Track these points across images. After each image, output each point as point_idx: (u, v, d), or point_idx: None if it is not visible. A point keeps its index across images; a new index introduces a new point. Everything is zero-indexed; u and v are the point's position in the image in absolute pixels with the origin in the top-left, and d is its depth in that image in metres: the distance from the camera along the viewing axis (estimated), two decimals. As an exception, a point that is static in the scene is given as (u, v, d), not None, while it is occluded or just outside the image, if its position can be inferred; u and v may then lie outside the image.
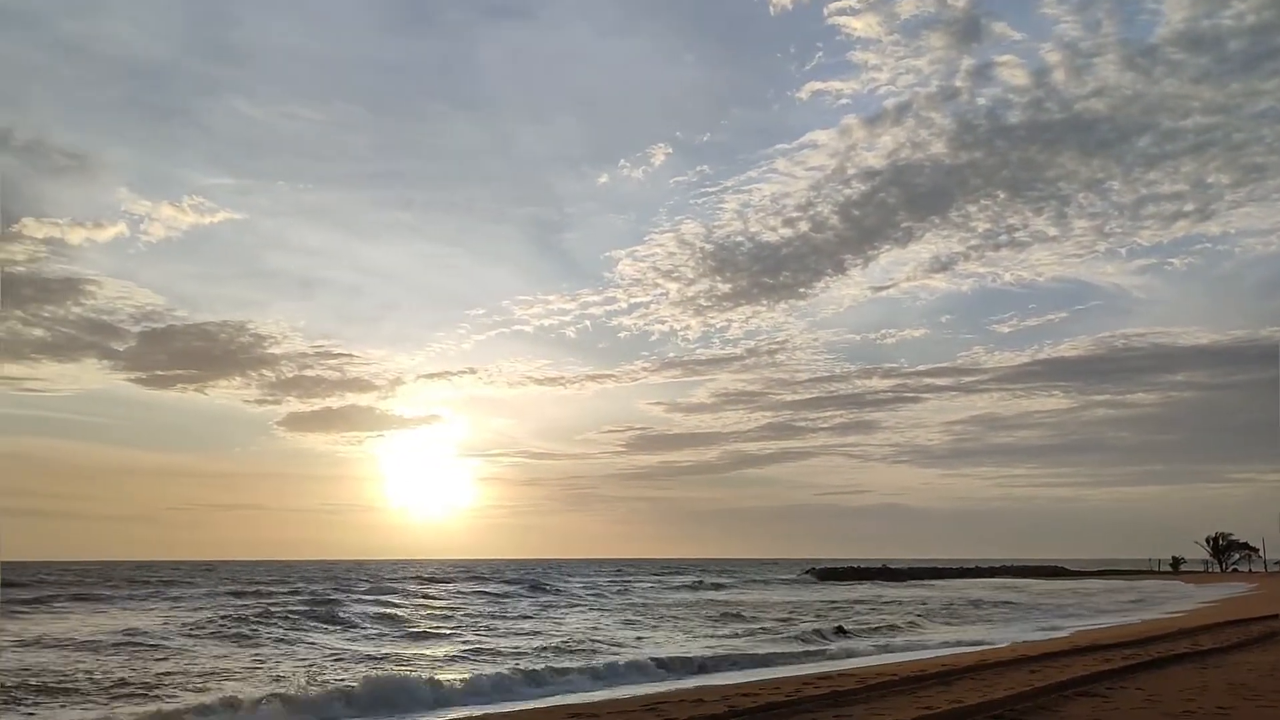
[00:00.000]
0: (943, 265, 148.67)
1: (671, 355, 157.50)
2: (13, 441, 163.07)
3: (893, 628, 32.06)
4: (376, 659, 21.70)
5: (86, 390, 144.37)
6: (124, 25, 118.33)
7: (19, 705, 14.64)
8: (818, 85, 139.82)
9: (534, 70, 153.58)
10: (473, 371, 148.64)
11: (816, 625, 31.93)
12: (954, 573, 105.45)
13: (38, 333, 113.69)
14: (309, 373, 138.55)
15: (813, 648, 25.21)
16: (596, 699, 15.59)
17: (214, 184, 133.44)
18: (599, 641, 26.07)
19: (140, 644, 23.19)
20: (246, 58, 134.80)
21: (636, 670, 19.89)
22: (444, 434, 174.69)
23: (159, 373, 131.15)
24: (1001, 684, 14.48)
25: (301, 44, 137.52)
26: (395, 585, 60.46)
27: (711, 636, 28.31)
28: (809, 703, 13.03)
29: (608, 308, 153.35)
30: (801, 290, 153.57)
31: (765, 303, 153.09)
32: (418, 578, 76.65)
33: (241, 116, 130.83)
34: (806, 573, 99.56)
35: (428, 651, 23.61)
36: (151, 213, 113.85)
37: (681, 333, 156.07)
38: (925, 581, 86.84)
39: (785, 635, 28.68)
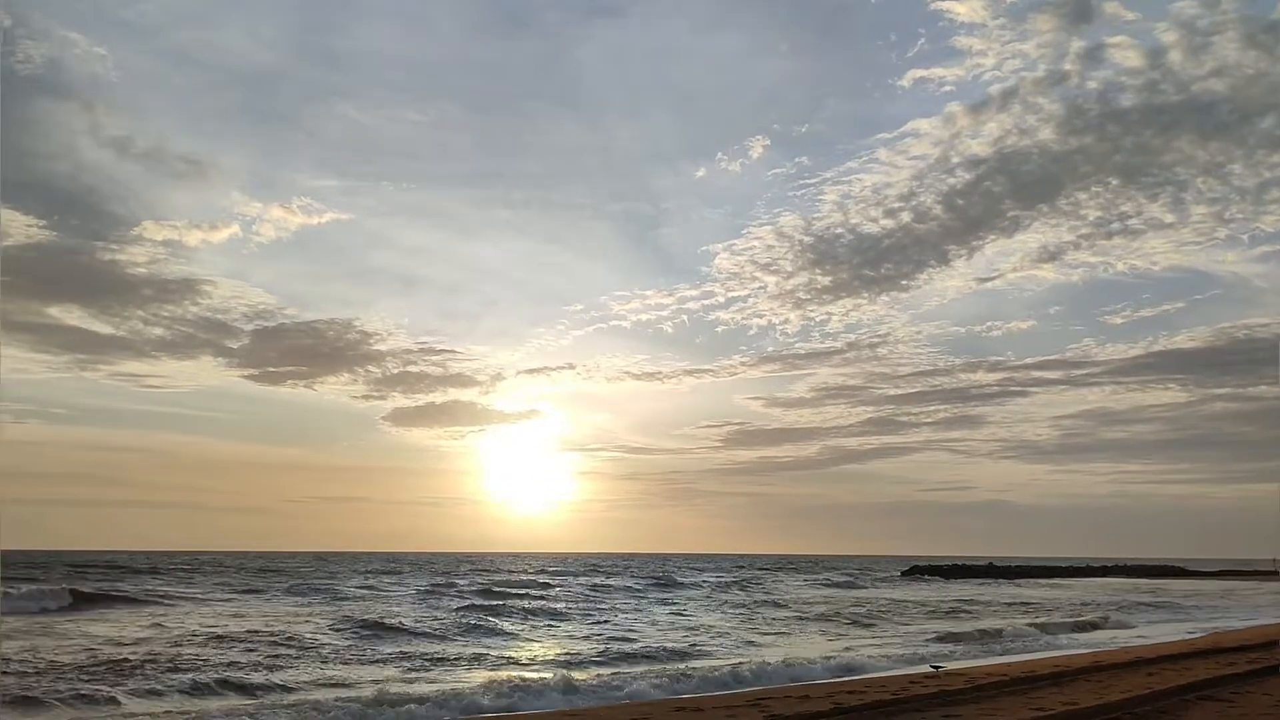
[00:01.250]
0: (1051, 255, 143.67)
1: (770, 349, 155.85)
2: (138, 435, 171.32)
3: (1092, 624, 32.33)
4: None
5: (203, 387, 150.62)
6: (236, 35, 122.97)
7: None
8: (920, 73, 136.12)
9: (630, 67, 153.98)
10: (571, 367, 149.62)
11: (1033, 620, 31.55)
12: (1065, 571, 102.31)
13: (158, 331, 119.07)
14: (413, 369, 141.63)
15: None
16: (703, 695, 15.67)
17: (321, 185, 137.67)
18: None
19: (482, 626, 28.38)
20: (352, 64, 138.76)
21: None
22: (543, 429, 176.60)
23: (270, 369, 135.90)
24: (1118, 686, 14.09)
25: (403, 49, 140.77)
26: (547, 580, 60.76)
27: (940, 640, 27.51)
28: (916, 701, 12.89)
29: (705, 302, 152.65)
30: (903, 282, 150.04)
31: (866, 295, 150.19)
32: (546, 570, 77.63)
33: (347, 120, 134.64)
34: (910, 570, 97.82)
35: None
36: (263, 214, 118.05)
37: (780, 327, 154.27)
38: (1038, 580, 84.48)
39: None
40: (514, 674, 18.03)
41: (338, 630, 25.70)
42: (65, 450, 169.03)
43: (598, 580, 61.49)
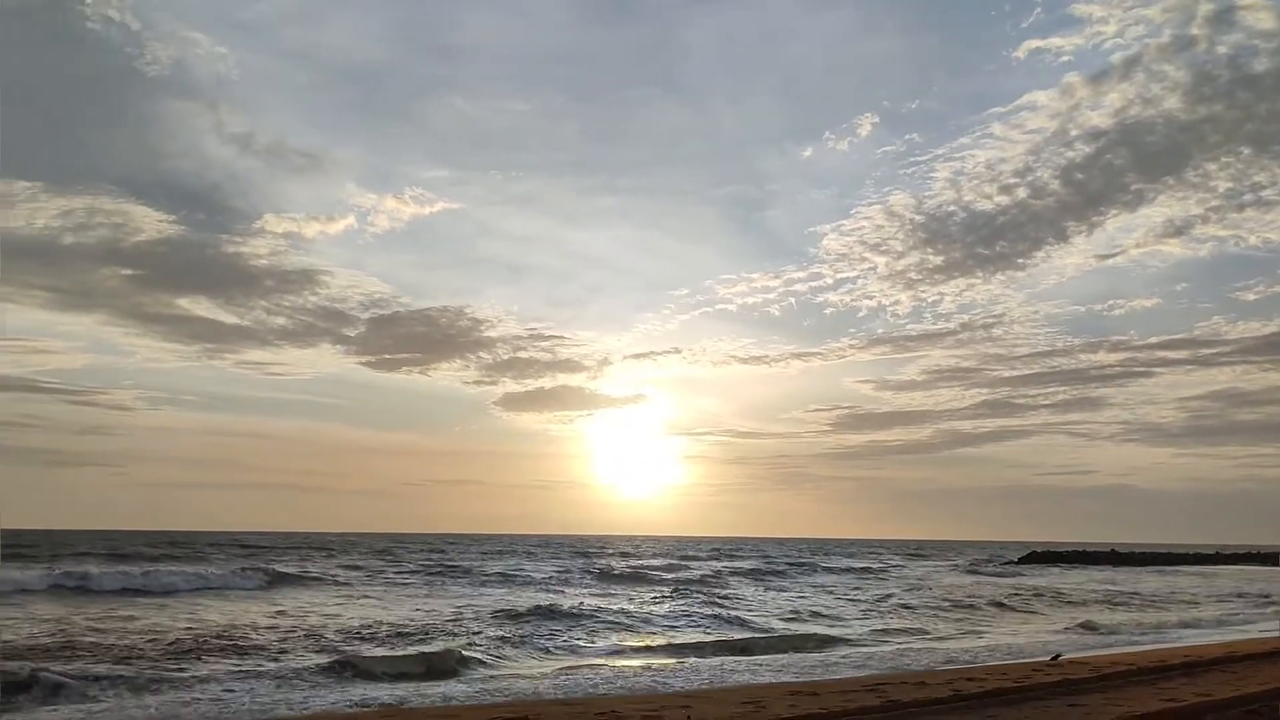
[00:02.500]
0: (1177, 229, 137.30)
1: (880, 331, 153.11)
2: (263, 421, 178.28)
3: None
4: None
5: (323, 374, 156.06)
6: (348, 32, 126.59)
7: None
8: (1036, 43, 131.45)
9: (734, 51, 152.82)
10: (677, 351, 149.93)
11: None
12: (1193, 558, 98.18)
13: (280, 321, 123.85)
14: (522, 354, 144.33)
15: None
16: (818, 679, 15.66)
17: (432, 176, 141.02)
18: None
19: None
20: (459, 56, 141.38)
21: None
22: (650, 413, 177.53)
23: (386, 356, 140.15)
24: (1255, 678, 13.54)
25: (510, 40, 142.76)
26: (680, 563, 61.64)
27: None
28: (1040, 690, 12.63)
29: (813, 284, 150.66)
30: (1019, 260, 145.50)
31: (980, 275, 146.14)
32: (671, 554, 78.04)
33: (456, 111, 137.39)
34: (1028, 555, 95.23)
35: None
36: (377, 205, 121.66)
37: (890, 308, 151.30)
38: (1165, 567, 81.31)
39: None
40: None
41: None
42: (196, 436, 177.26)
43: (731, 565, 61.52)
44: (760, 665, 18.66)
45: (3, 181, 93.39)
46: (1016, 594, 40.14)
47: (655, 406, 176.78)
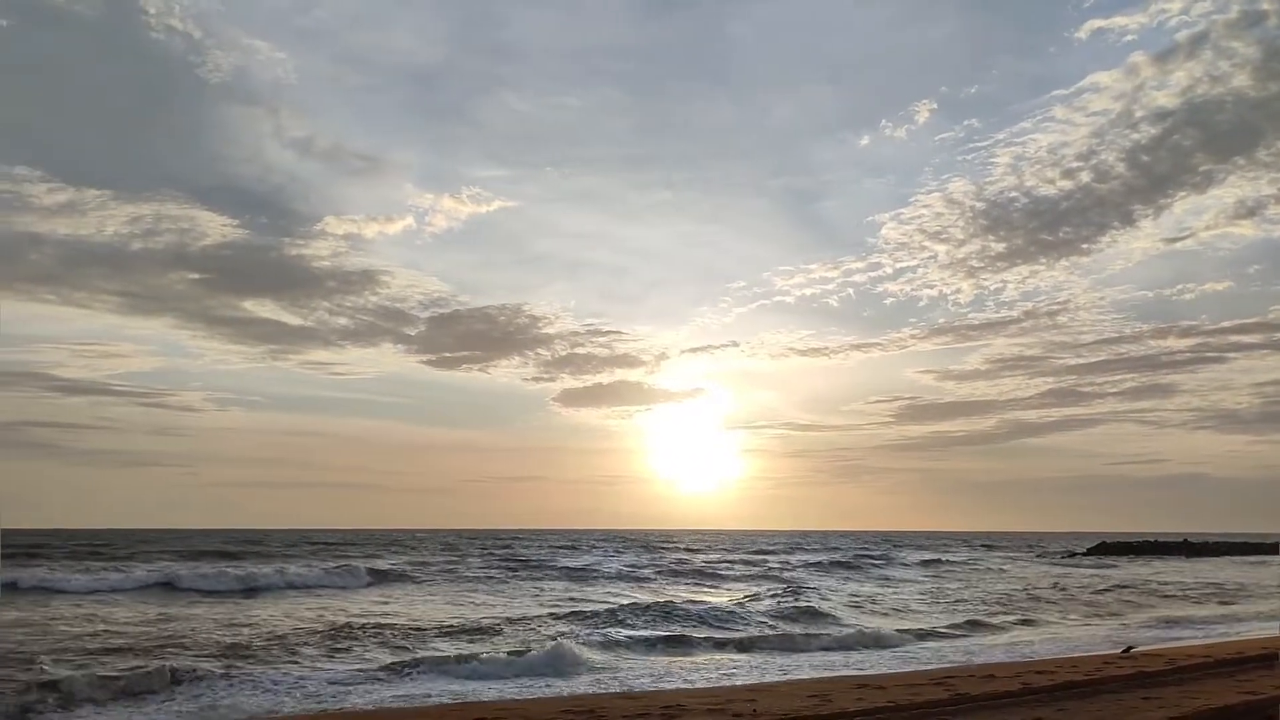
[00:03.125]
0: (1249, 210, 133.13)
1: (941, 321, 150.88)
2: (327, 420, 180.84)
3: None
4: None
5: (385, 373, 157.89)
6: (403, 34, 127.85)
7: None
8: (1098, 23, 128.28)
9: (787, 42, 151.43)
10: (735, 344, 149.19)
11: None
12: (1269, 548, 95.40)
13: (342, 321, 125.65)
14: (580, 350, 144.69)
15: None
16: (888, 673, 15.55)
17: (488, 175, 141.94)
18: None
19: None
20: (512, 55, 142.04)
21: None
22: (708, 407, 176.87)
23: (446, 354, 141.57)
24: (1339, 671, 13.17)
25: (562, 37, 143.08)
26: (756, 558, 61.28)
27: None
28: (1113, 683, 12.42)
29: (872, 274, 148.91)
30: (1084, 246, 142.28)
31: (1044, 261, 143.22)
32: (741, 548, 77.69)
33: (510, 110, 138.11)
34: (1096, 547, 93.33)
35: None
36: (434, 205, 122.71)
37: (952, 297, 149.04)
38: (1242, 558, 79.18)
39: None
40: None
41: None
42: (262, 435, 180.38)
43: (804, 558, 61.15)
44: (831, 658, 18.61)
45: (74, 190, 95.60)
46: (1086, 585, 39.42)
47: (714, 400, 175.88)
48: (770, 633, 22.32)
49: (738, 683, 15.02)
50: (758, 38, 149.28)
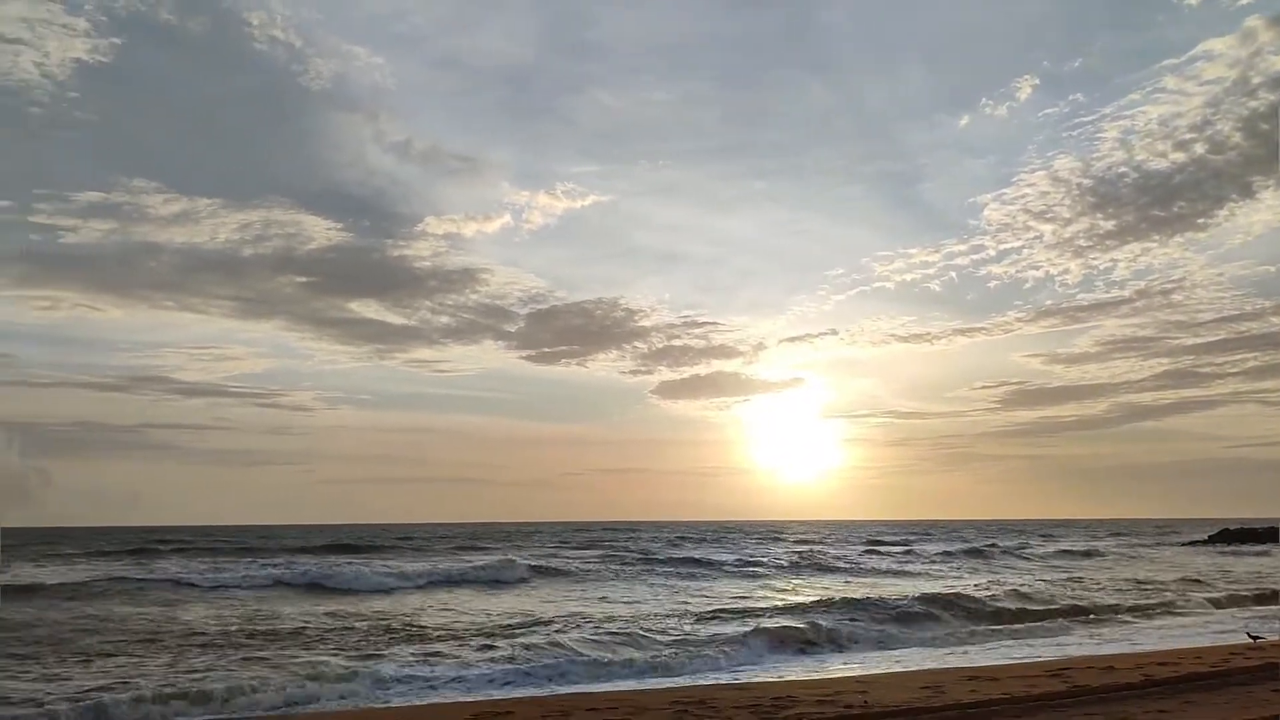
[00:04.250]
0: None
1: (1048, 303, 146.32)
2: (431, 417, 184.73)
3: None
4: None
5: (486, 369, 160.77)
6: (494, 37, 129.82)
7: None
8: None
9: (878, 24, 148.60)
10: (834, 332, 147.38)
11: None
12: None
13: (444, 319, 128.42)
14: (676, 342, 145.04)
15: None
16: (1002, 664, 15.32)
17: (581, 171, 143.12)
18: None
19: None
20: (602, 52, 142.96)
21: None
22: (807, 396, 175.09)
23: (545, 350, 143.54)
24: None
25: (650, 32, 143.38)
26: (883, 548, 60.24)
27: None
28: (1240, 674, 12.01)
29: (974, 257, 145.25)
30: (1199, 221, 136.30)
31: (1156, 238, 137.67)
32: (858, 538, 76.51)
33: (601, 106, 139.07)
34: (1219, 534, 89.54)
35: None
36: (530, 202, 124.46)
37: (1059, 278, 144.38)
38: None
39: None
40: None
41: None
42: (371, 432, 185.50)
43: (932, 547, 60.09)
44: (948, 647, 18.44)
45: (188, 200, 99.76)
46: (1208, 573, 37.99)
47: (813, 389, 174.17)
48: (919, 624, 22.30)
49: (848, 674, 14.98)
50: (849, 22, 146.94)
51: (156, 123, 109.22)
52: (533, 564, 37.96)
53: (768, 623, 20.53)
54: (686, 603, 26.72)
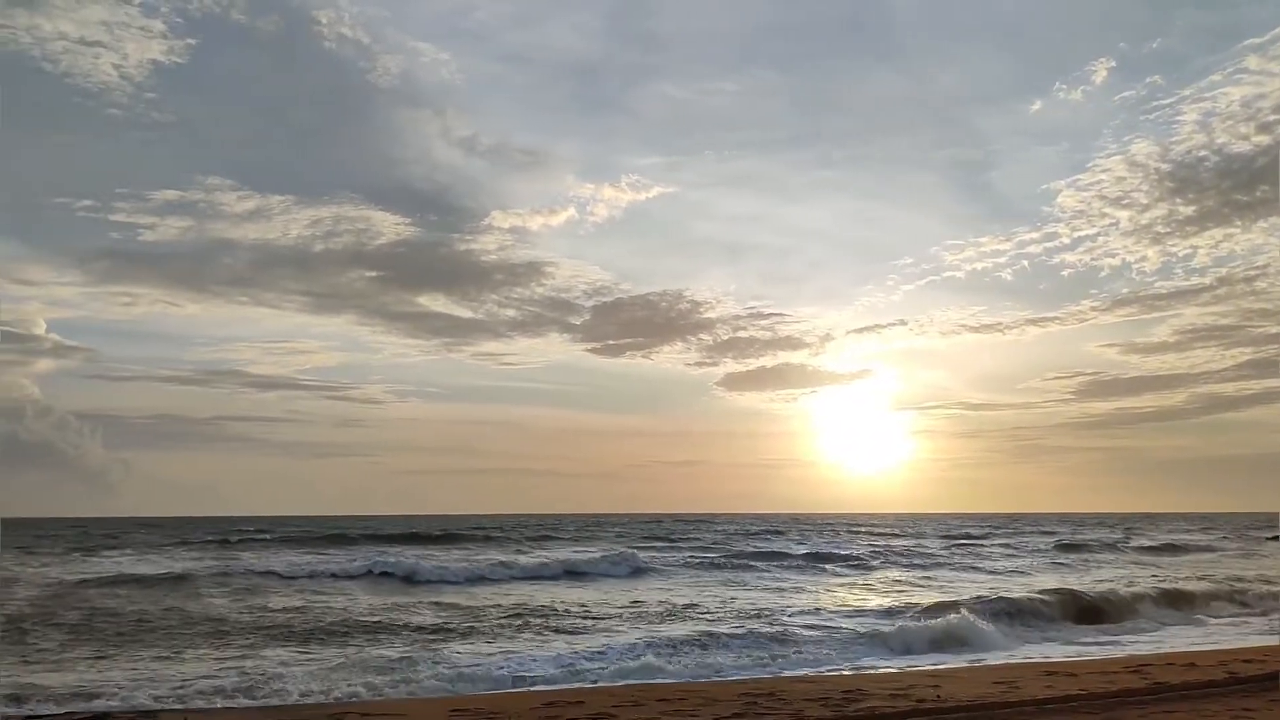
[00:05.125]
0: None
1: (1125, 291, 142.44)
2: (498, 409, 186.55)
3: None
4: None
5: (552, 362, 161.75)
6: (559, 31, 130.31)
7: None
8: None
9: (948, 8, 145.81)
10: (903, 323, 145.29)
11: None
12: None
13: (510, 313, 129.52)
14: (742, 334, 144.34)
15: None
16: (1080, 659, 15.04)
17: (647, 163, 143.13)
18: None
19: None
20: (667, 43, 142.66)
21: None
22: (876, 388, 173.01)
23: (610, 342, 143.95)
24: None
25: (714, 22, 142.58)
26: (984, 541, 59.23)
27: None
28: (1330, 673, 11.64)
29: (1047, 245, 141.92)
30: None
31: (1238, 223, 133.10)
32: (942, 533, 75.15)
33: (666, 98, 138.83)
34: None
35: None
36: (595, 195, 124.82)
37: (1136, 265, 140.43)
38: None
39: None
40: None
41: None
42: (440, 425, 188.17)
43: (1023, 541, 58.91)
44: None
45: (261, 197, 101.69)
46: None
47: (881, 381, 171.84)
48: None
49: (920, 668, 14.84)
50: (918, 6, 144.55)
51: (230, 121, 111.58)
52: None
53: (927, 619, 19.73)
54: (817, 595, 26.68)
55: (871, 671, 14.52)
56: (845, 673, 14.50)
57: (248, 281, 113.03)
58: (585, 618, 21.10)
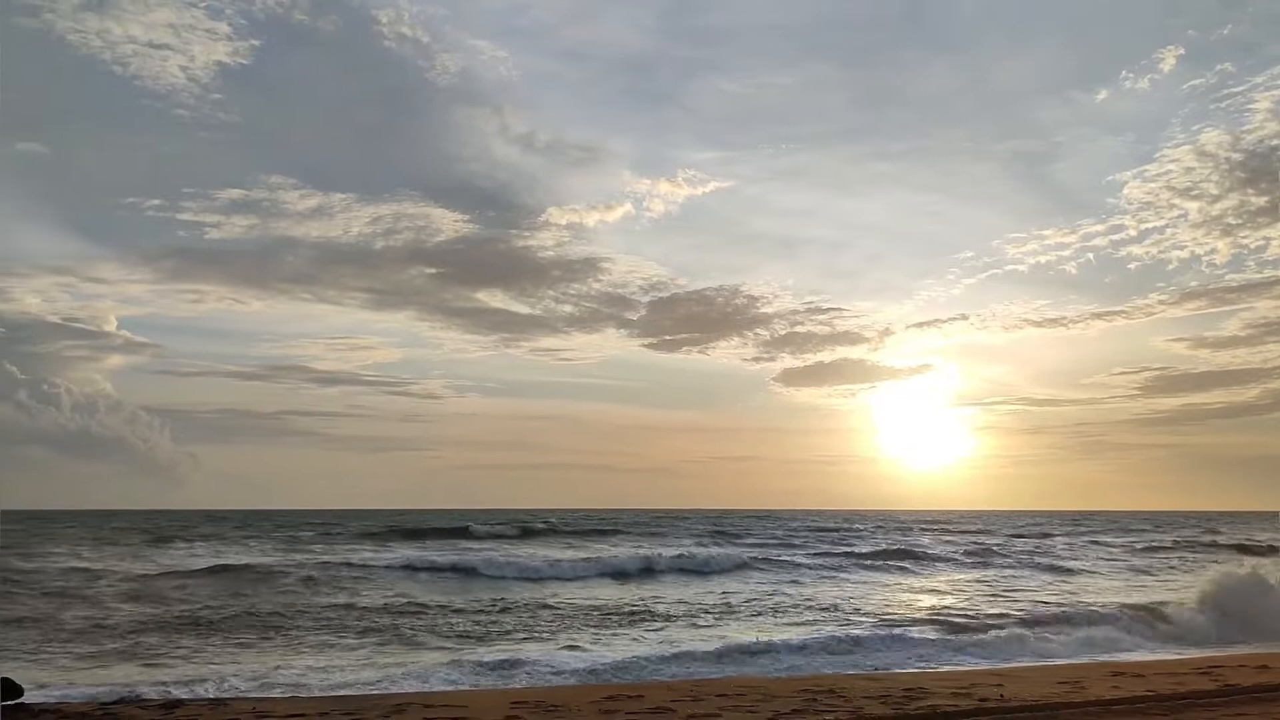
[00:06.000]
0: None
1: (1194, 284, 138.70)
2: (555, 405, 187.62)
3: None
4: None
5: (608, 357, 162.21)
6: (616, 26, 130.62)
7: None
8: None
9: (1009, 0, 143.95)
10: (964, 318, 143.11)
11: None
12: None
13: (567, 308, 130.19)
14: (799, 329, 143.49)
15: None
16: (1149, 659, 14.78)
17: (702, 158, 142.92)
18: None
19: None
20: (722, 38, 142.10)
21: None
22: (936, 383, 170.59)
23: (666, 337, 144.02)
24: None
25: (770, 16, 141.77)
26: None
27: None
28: None
29: (1113, 237, 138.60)
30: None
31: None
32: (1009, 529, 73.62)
33: (722, 92, 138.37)
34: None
35: None
36: (651, 190, 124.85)
37: (1206, 258, 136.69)
38: None
39: None
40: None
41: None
42: (497, 420, 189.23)
43: (1103, 539, 57.31)
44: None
45: (323, 195, 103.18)
46: None
47: (942, 376, 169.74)
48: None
49: (981, 666, 14.70)
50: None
51: (293, 121, 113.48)
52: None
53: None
54: (944, 594, 26.69)
55: (934, 670, 14.41)
56: (907, 670, 14.41)
57: (310, 279, 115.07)
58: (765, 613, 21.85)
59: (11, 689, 10.31)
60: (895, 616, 20.97)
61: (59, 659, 15.02)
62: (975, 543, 50.49)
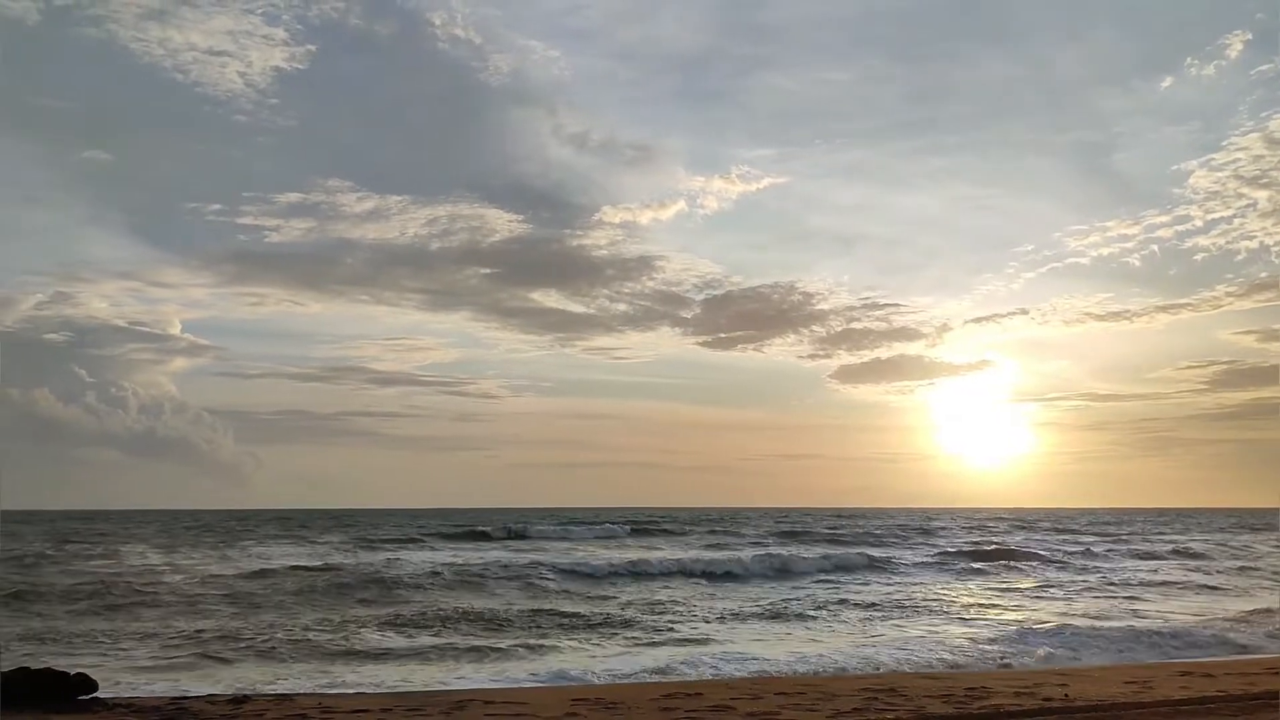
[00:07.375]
0: None
1: (1264, 275, 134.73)
2: (610, 403, 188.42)
3: None
4: None
5: (663, 355, 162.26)
6: (669, 25, 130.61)
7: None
8: None
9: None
10: (1024, 312, 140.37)
11: None
12: None
13: (621, 307, 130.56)
14: (856, 325, 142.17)
15: None
16: (1216, 659, 14.48)
17: (756, 154, 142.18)
18: None
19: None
20: (775, 34, 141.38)
21: None
22: (995, 379, 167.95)
23: (721, 335, 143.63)
24: None
25: (823, 10, 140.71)
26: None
27: None
28: None
29: (1178, 228, 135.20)
30: None
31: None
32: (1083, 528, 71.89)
33: (775, 89, 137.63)
34: None
35: None
36: (705, 188, 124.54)
37: (1275, 248, 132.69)
38: None
39: None
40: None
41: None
42: (552, 419, 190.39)
43: (1198, 537, 56.09)
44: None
45: (379, 198, 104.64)
46: None
47: (1001, 372, 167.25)
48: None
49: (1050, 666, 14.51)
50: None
51: (349, 125, 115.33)
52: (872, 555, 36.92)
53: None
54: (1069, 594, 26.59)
55: (998, 670, 14.25)
56: (970, 670, 14.27)
57: (368, 280, 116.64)
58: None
59: (86, 683, 10.67)
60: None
61: (134, 652, 15.54)
62: (1083, 542, 49.00)
